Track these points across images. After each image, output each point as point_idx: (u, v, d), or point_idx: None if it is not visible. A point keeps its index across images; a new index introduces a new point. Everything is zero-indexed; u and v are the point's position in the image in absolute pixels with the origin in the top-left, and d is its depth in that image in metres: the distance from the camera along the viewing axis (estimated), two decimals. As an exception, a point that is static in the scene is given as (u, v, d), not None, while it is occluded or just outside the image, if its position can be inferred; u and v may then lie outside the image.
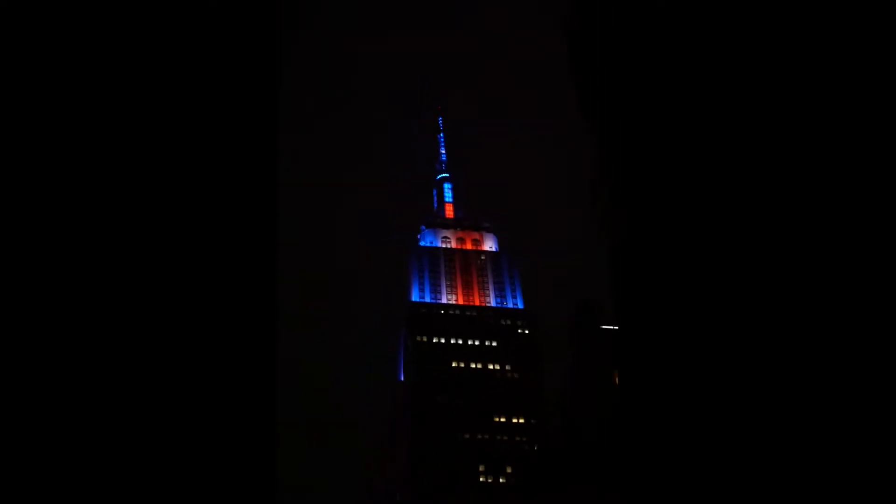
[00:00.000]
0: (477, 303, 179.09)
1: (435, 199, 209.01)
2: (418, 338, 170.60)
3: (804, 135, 23.21)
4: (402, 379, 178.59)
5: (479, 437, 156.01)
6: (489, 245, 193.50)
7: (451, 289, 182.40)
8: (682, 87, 28.54)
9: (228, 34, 29.08)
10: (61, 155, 24.62)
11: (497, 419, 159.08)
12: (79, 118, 25.10)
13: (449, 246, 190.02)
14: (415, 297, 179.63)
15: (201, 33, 27.85)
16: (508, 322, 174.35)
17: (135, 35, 26.24)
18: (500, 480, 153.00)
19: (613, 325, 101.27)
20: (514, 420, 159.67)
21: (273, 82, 33.37)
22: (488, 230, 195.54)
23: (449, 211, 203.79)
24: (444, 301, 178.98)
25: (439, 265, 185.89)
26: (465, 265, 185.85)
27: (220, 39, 28.74)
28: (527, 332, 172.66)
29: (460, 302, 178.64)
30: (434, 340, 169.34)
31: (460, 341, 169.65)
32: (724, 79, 26.70)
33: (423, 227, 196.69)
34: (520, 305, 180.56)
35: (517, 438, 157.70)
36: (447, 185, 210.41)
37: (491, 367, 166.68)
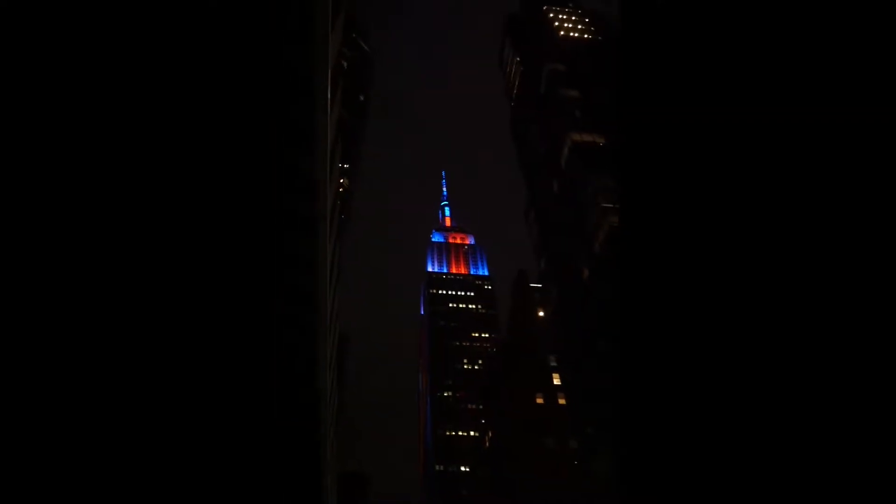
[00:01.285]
0: (463, 272, 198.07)
1: (440, 216, 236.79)
2: (431, 291, 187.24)
3: (805, 135, 14.71)
4: (423, 313, 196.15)
5: (464, 344, 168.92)
6: (469, 240, 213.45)
7: (449, 263, 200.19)
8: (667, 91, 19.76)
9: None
10: (61, 155, 16.83)
11: (473, 334, 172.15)
12: (79, 118, 17.11)
13: (448, 241, 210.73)
14: (429, 269, 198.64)
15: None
16: (479, 282, 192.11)
17: (137, 35, 17.25)
18: (475, 368, 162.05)
19: (538, 284, 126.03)
20: (483, 335, 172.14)
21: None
22: (469, 232, 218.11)
23: (448, 222, 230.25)
24: (445, 270, 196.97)
25: (443, 251, 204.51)
26: (456, 251, 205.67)
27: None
28: (489, 287, 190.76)
29: (453, 271, 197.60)
30: (440, 292, 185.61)
31: (453, 292, 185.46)
32: (722, 79, 17.57)
33: (434, 231, 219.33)
34: (486, 273, 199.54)
35: (484, 345, 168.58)
36: (447, 208, 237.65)
37: (470, 306, 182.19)
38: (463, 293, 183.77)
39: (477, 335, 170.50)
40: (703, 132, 18.18)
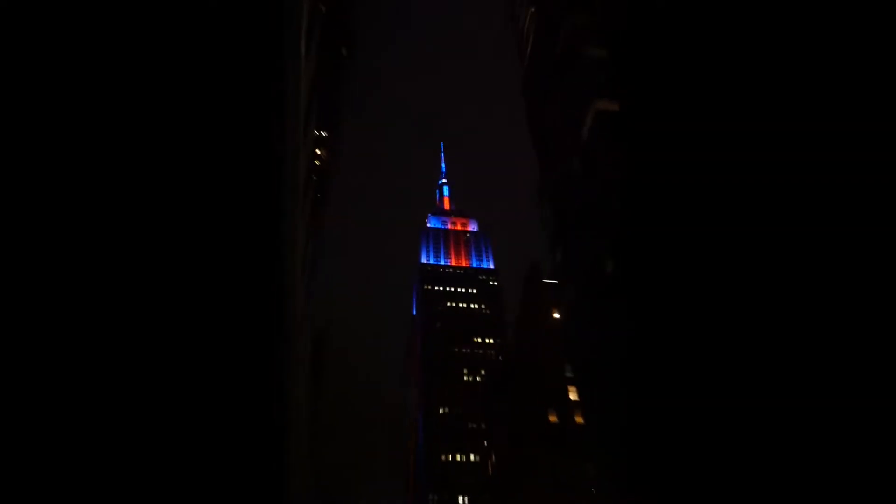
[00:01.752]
0: (463, 264, 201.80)
1: (437, 196, 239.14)
2: (426, 286, 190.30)
3: (805, 136, 17.58)
4: (415, 313, 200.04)
5: (464, 350, 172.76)
6: (473, 228, 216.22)
7: (447, 254, 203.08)
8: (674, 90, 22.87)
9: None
10: (61, 155, 17.63)
11: (475, 339, 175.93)
12: (78, 118, 17.80)
13: (447, 227, 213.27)
14: (424, 260, 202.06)
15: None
16: (483, 277, 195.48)
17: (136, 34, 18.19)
18: (477, 379, 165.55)
19: (553, 280, 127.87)
20: (486, 340, 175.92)
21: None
22: (471, 216, 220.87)
23: (446, 204, 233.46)
24: (442, 262, 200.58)
25: (440, 239, 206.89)
26: (456, 239, 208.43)
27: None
28: (494, 283, 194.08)
29: (453, 263, 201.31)
30: (436, 288, 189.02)
31: (452, 289, 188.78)
32: (721, 80, 20.89)
33: (430, 215, 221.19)
34: (491, 266, 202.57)
35: (488, 352, 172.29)
36: (445, 188, 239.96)
37: (472, 305, 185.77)
38: (463, 290, 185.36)
39: (479, 340, 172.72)
40: (707, 137, 20.57)
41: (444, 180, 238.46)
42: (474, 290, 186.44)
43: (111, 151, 18.37)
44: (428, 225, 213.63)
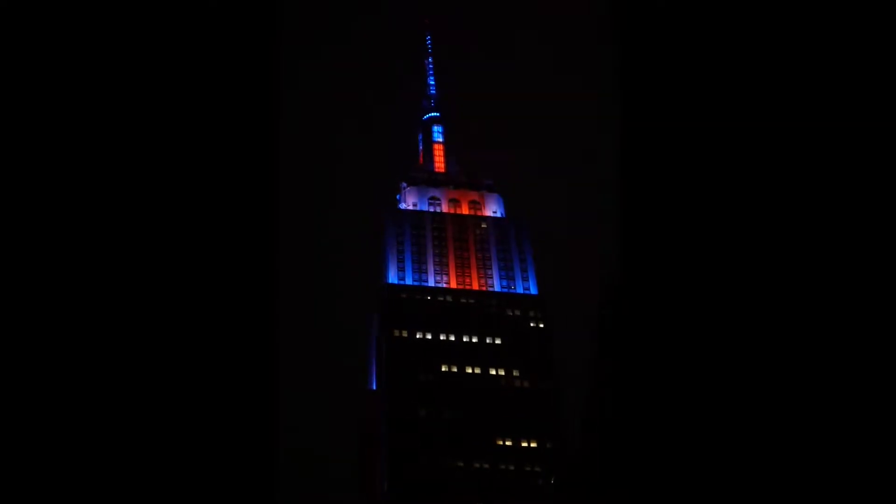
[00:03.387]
0: (475, 286, 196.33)
1: (421, 146, 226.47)
2: (396, 332, 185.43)
3: (805, 136, 32.08)
4: (374, 388, 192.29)
5: (477, 466, 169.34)
6: (492, 209, 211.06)
7: (441, 267, 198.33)
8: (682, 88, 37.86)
9: None
10: (60, 155, 32.91)
11: (500, 442, 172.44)
12: (78, 118, 33.45)
13: (439, 209, 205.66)
14: (392, 279, 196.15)
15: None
16: (517, 313, 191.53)
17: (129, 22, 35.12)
18: None
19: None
20: (524, 444, 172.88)
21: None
22: (491, 189, 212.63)
23: (439, 163, 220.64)
24: (430, 284, 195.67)
25: (425, 236, 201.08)
26: (461, 236, 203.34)
27: None
28: (542, 325, 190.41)
29: (453, 285, 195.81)
30: (417, 336, 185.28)
31: (452, 337, 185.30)
32: (722, 80, 35.54)
33: (404, 185, 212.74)
34: (532, 291, 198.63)
35: (527, 468, 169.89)
36: (437, 129, 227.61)
37: (493, 371, 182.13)
38: (476, 339, 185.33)
39: (509, 443, 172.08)
40: (707, 136, 36.82)
41: (435, 113, 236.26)
42: (498, 340, 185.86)
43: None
44: (400, 206, 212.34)
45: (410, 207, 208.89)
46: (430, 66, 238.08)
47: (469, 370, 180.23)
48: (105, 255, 33.02)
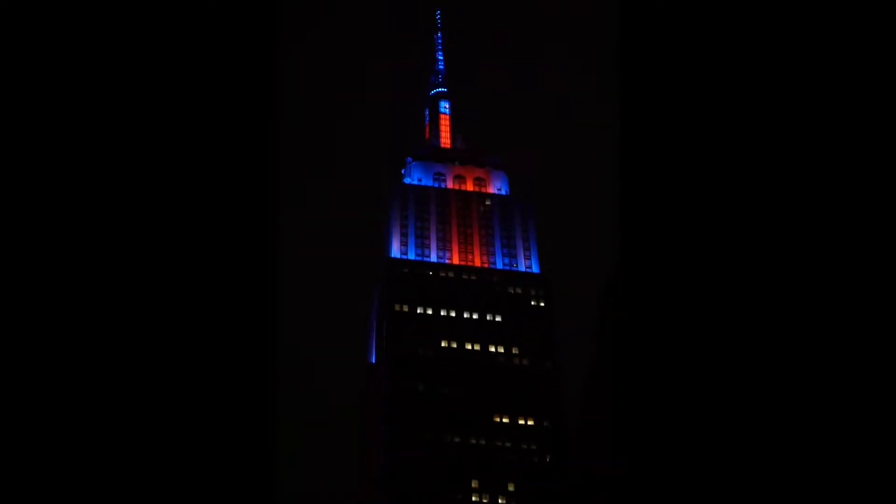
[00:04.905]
0: (477, 263, 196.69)
1: (427, 121, 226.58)
2: (397, 307, 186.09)
3: (807, 137, 32.36)
4: (374, 361, 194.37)
5: (474, 441, 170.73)
6: (497, 186, 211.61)
7: (444, 243, 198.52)
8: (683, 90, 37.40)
9: None
10: (60, 155, 33.06)
11: (498, 419, 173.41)
12: (78, 118, 33.55)
13: (443, 185, 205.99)
14: (395, 253, 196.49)
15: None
16: (519, 290, 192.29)
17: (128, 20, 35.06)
18: (499, 501, 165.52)
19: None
20: (521, 421, 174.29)
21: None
22: (497, 166, 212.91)
23: (445, 138, 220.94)
24: (433, 259, 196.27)
25: (429, 211, 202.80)
26: (465, 212, 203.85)
27: None
28: (542, 304, 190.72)
29: (455, 261, 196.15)
30: (418, 311, 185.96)
31: (453, 313, 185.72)
32: (724, 81, 35.38)
33: (410, 160, 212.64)
34: (535, 269, 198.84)
35: (524, 446, 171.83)
36: (444, 104, 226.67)
37: (493, 349, 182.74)
38: (477, 316, 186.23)
39: (506, 420, 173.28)
40: (707, 136, 36.16)
41: (443, 89, 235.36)
42: (499, 317, 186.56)
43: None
44: (405, 180, 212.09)
45: (415, 182, 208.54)
46: (439, 40, 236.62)
47: (469, 346, 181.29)
48: (95, 238, 33.02)
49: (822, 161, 31.87)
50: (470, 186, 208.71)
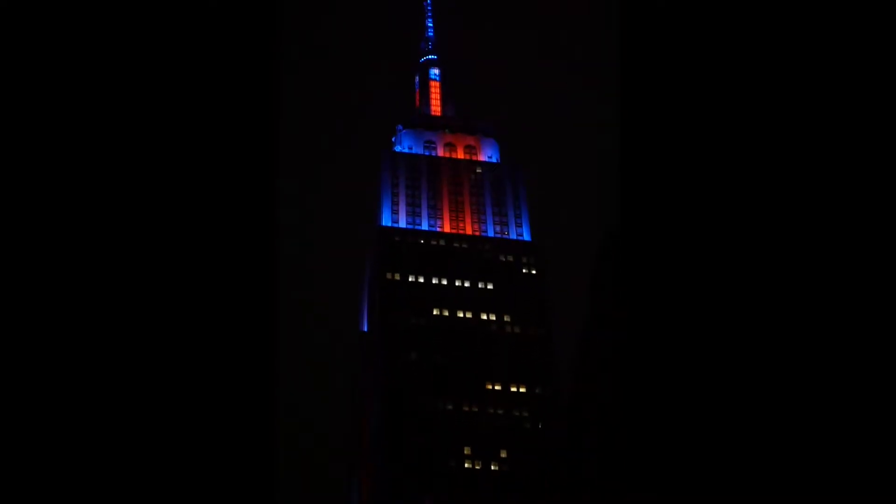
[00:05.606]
0: (469, 231, 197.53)
1: (417, 89, 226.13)
2: (389, 275, 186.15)
3: (807, 137, 32.83)
4: (366, 330, 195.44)
5: (467, 409, 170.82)
6: (488, 154, 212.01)
7: (435, 211, 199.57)
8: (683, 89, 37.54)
9: None
10: (60, 155, 33.64)
11: (490, 386, 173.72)
12: (78, 118, 34.14)
13: (434, 153, 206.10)
14: (385, 221, 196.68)
15: None
16: (510, 258, 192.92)
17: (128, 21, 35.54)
18: (492, 468, 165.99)
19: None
20: (513, 388, 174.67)
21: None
22: (487, 134, 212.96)
23: (436, 106, 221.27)
24: (424, 227, 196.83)
25: (420, 179, 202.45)
26: (455, 180, 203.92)
27: None
28: (534, 272, 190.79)
29: (446, 229, 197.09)
30: (409, 279, 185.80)
31: (445, 281, 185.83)
32: (724, 81, 35.69)
33: (400, 128, 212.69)
34: (526, 237, 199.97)
35: (516, 413, 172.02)
36: (434, 72, 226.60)
37: (485, 316, 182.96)
38: (469, 283, 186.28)
39: (498, 388, 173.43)
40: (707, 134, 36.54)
41: (433, 56, 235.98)
42: (490, 285, 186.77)
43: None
44: (396, 148, 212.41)
45: (406, 151, 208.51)
46: (429, 7, 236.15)
47: (461, 314, 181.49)
48: (94, 236, 33.36)
49: (821, 158, 32.09)
50: (461, 154, 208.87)
